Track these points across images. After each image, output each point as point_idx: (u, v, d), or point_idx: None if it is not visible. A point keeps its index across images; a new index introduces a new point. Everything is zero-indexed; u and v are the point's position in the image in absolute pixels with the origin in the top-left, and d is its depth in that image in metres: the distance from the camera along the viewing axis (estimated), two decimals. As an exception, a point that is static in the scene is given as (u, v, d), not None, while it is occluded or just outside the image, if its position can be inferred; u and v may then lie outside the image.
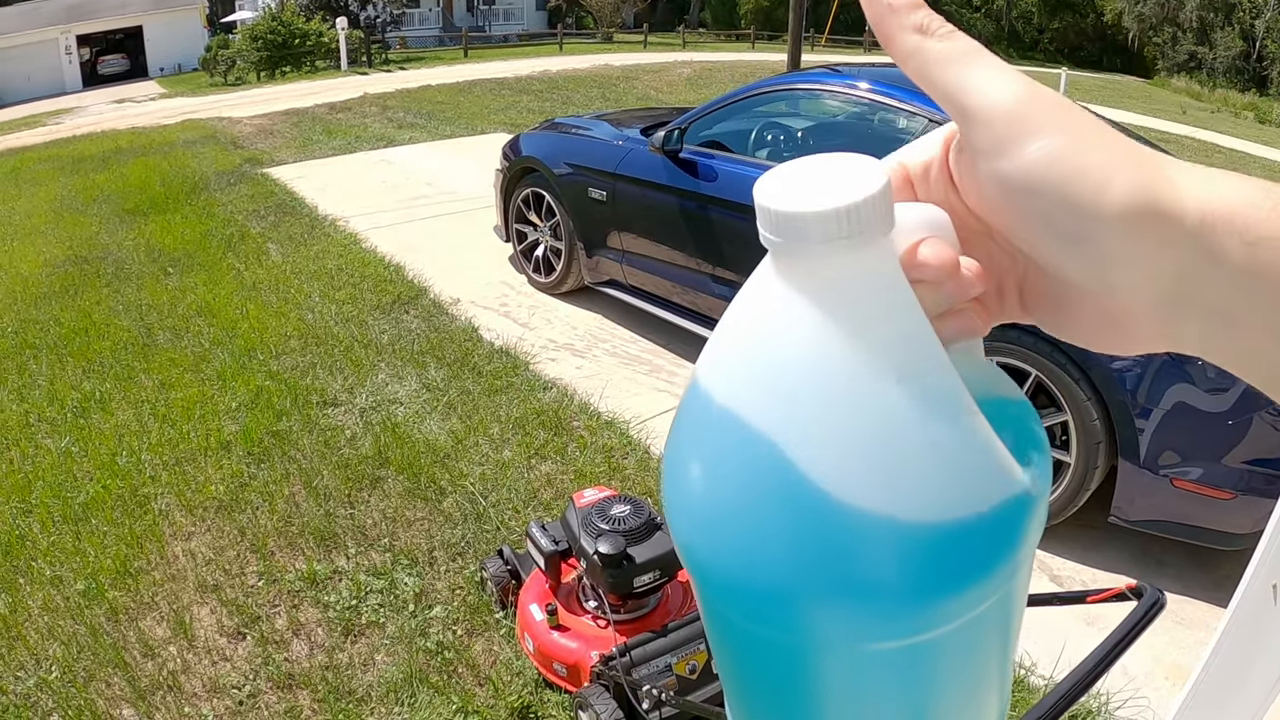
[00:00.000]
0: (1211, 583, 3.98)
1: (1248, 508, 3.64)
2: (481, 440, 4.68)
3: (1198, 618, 3.76)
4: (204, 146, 14.19)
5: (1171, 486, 3.82)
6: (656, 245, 5.88)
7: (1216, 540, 3.85)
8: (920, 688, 0.49)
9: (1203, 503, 3.78)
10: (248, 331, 6.11)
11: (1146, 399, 3.82)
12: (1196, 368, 3.74)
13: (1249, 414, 3.69)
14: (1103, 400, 3.91)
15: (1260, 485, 3.63)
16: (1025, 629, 1.90)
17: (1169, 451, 3.83)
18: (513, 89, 21.51)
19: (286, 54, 32.44)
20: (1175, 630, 3.69)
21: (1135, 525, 4.00)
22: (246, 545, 3.85)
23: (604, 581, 2.84)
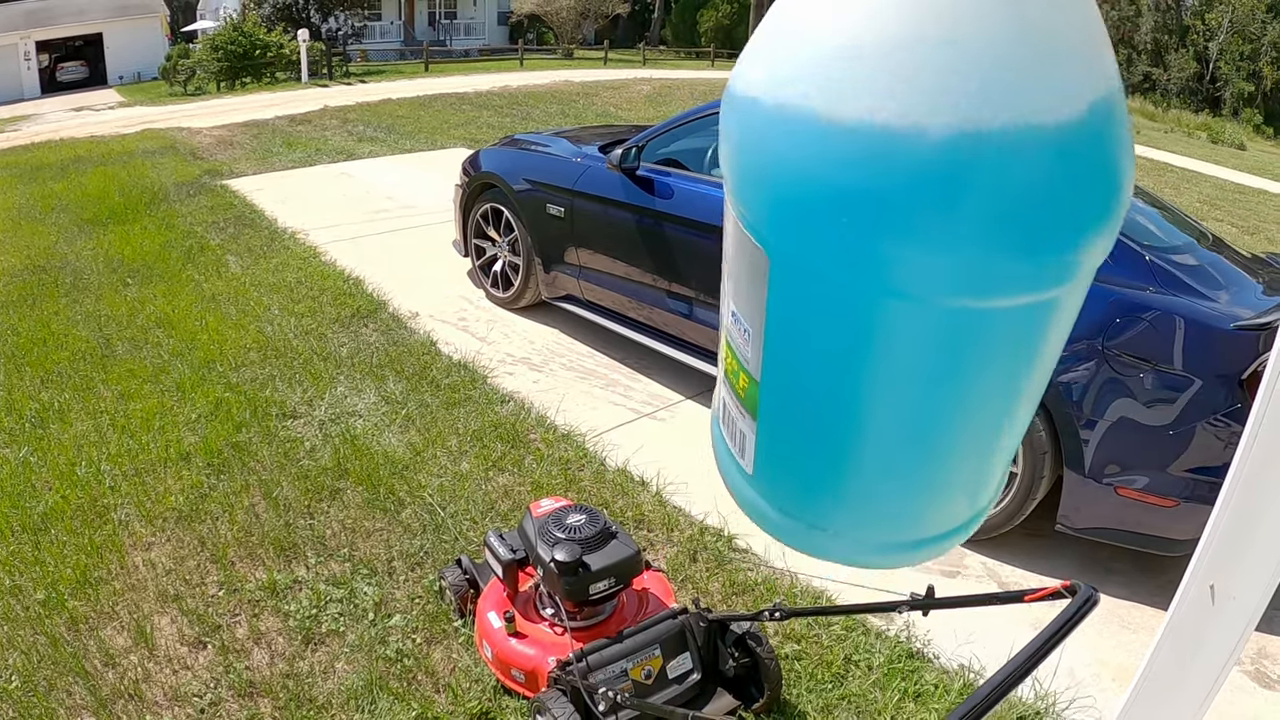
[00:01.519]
0: (1156, 587, 4.11)
1: (1190, 515, 3.77)
2: (440, 452, 4.74)
3: (1143, 621, 3.88)
4: (163, 157, 14.13)
5: (1116, 495, 3.94)
6: (613, 261, 5.96)
7: (1160, 546, 3.97)
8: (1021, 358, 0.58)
9: (1147, 510, 3.91)
10: (207, 343, 6.13)
11: (1091, 411, 3.94)
12: (1139, 381, 3.87)
13: (1191, 424, 3.81)
14: (1048, 412, 4.01)
15: (1203, 493, 3.75)
16: (973, 631, 2.03)
17: (1113, 462, 3.95)
18: (473, 104, 21.52)
19: (247, 65, 32.39)
20: (1121, 633, 3.80)
21: (1081, 533, 4.12)
22: (207, 555, 3.88)
23: (560, 589, 2.91)
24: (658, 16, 64.99)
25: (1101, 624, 3.84)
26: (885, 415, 0.65)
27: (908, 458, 0.69)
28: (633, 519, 4.26)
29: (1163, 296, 3.98)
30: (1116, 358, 3.92)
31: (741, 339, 0.62)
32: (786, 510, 0.73)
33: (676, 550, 4.06)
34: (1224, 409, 3.77)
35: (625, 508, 4.34)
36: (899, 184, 0.51)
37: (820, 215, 0.54)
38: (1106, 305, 3.98)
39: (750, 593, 3.80)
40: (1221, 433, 3.77)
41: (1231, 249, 5.18)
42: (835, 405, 0.65)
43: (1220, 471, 3.70)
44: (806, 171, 0.53)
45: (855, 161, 0.51)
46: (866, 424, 0.67)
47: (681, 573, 3.90)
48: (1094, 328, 3.96)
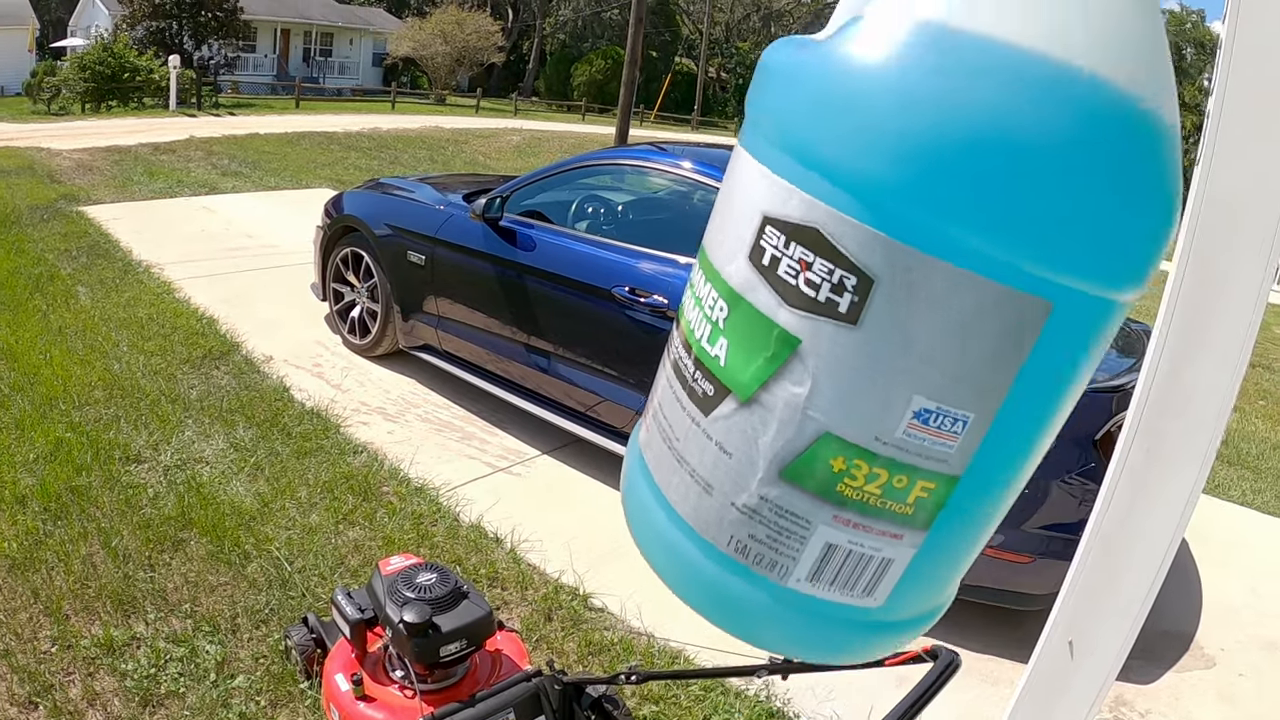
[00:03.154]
0: (1014, 641, 4.21)
1: (1046, 570, 3.88)
2: (289, 504, 4.63)
3: (1003, 675, 3.97)
4: (19, 177, 13.71)
5: None
6: (472, 312, 5.93)
7: (1017, 601, 4.08)
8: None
9: (1004, 567, 4.00)
10: (50, 379, 5.92)
11: None
12: None
13: (1046, 483, 3.92)
14: None
15: (1058, 549, 3.87)
16: (835, 688, 2.05)
17: None
18: (341, 144, 21.35)
19: (114, 87, 31.69)
20: (982, 687, 3.88)
21: None
22: (40, 608, 3.72)
23: (410, 651, 2.84)
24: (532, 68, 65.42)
25: (962, 678, 3.88)
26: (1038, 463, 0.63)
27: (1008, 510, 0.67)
28: (486, 577, 4.22)
29: None
30: None
31: (937, 436, 0.51)
32: (903, 624, 0.66)
33: (531, 610, 4.03)
34: (1078, 468, 3.90)
35: (479, 565, 4.30)
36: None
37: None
38: None
39: (607, 653, 3.79)
40: (1076, 490, 3.90)
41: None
42: (1033, 466, 0.60)
43: (1074, 528, 3.82)
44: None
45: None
46: (1028, 479, 0.64)
47: (536, 633, 3.87)
48: None
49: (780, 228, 0.55)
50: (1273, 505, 6.67)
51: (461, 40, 50.72)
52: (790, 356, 0.55)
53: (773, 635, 0.64)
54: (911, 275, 0.49)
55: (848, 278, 0.52)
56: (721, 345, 0.59)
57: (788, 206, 0.55)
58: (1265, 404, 10.23)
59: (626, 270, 5.06)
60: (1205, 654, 4.43)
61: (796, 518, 0.57)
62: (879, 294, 0.50)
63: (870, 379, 0.52)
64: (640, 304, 4.93)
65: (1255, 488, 7.01)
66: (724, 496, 0.61)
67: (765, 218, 0.57)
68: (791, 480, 0.56)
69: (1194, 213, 1.48)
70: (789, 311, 0.55)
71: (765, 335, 0.56)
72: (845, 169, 0.51)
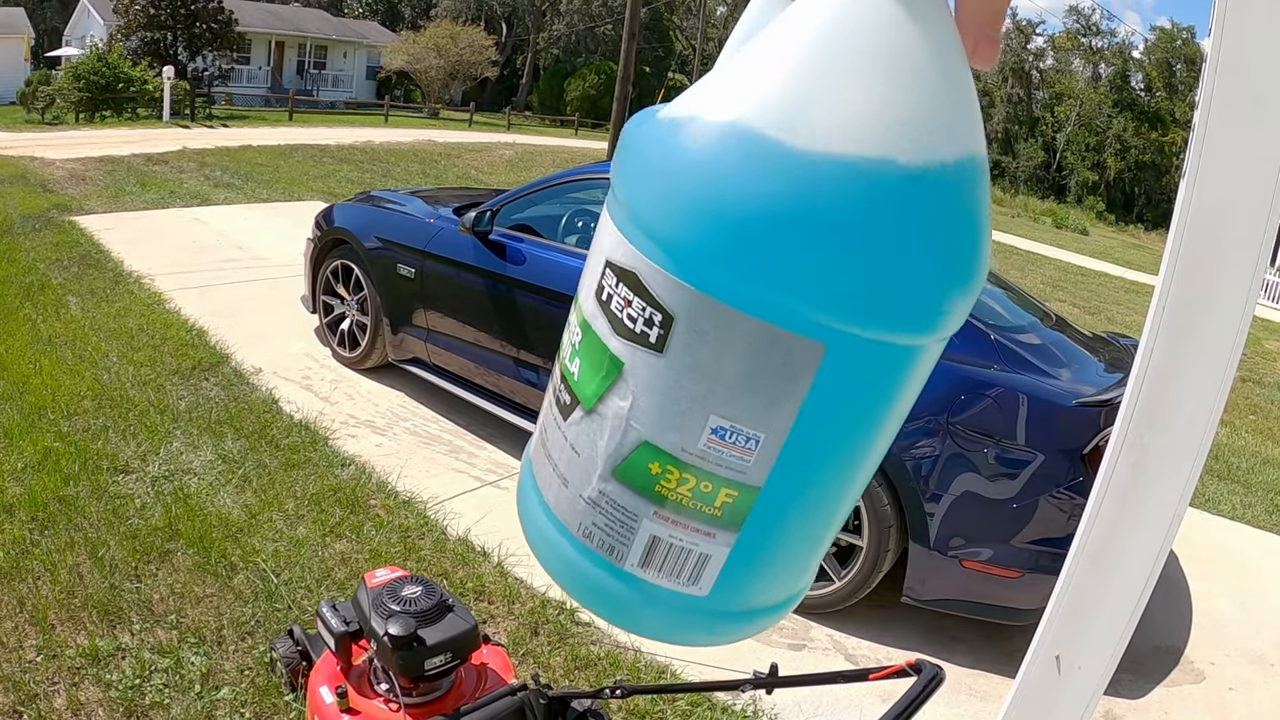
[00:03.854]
0: (1003, 656, 4.22)
1: (1034, 585, 3.89)
2: (276, 516, 4.62)
3: (991, 689, 3.97)
4: (11, 186, 13.69)
5: (961, 567, 4.05)
6: (462, 325, 5.93)
7: (1005, 616, 4.09)
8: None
9: (992, 581, 4.03)
10: (39, 388, 5.90)
11: (936, 485, 4.04)
12: (983, 456, 3.99)
13: (1034, 498, 3.95)
14: (893, 486, 4.10)
15: (1046, 564, 3.89)
16: (820, 703, 2.05)
17: (958, 535, 4.05)
18: (334, 157, 21.36)
19: (109, 97, 31.66)
20: (970, 702, 3.88)
21: (927, 604, 4.21)
22: (25, 617, 3.69)
23: (394, 664, 2.83)
24: (525, 83, 65.53)
25: (951, 693, 3.91)
26: (862, 480, 0.68)
27: (837, 519, 0.71)
28: (473, 590, 4.21)
29: (1007, 374, 4.13)
30: (961, 433, 4.03)
31: (733, 450, 0.60)
32: (745, 614, 0.73)
33: (518, 624, 4.02)
34: (1066, 483, 3.91)
35: (465, 579, 4.29)
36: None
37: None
38: (951, 382, 4.09)
39: (593, 668, 3.78)
40: (1064, 505, 3.91)
41: (1074, 328, 5.38)
42: (846, 483, 0.66)
43: (1063, 543, 3.82)
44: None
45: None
46: (853, 493, 0.70)
47: (522, 647, 3.86)
48: (939, 403, 4.07)
49: (614, 270, 0.65)
50: (1263, 519, 6.69)
51: (455, 54, 50.75)
52: (618, 376, 0.65)
53: (625, 617, 0.72)
54: (701, 315, 0.59)
55: (655, 314, 0.61)
56: (576, 363, 0.69)
57: (619, 253, 0.65)
58: (1255, 419, 10.26)
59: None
60: (1195, 668, 4.44)
61: (625, 510, 0.67)
62: (678, 329, 0.60)
63: (674, 398, 0.62)
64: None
65: (1245, 502, 7.02)
66: (575, 488, 0.71)
67: (606, 261, 0.67)
68: (621, 479, 0.66)
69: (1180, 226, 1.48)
70: (617, 339, 0.65)
71: (602, 357, 0.66)
72: (655, 227, 0.60)
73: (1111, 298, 19.01)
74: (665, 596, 0.69)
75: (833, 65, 0.56)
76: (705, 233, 0.57)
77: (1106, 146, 72.08)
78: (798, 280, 0.55)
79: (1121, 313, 16.76)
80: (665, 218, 0.60)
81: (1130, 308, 17.53)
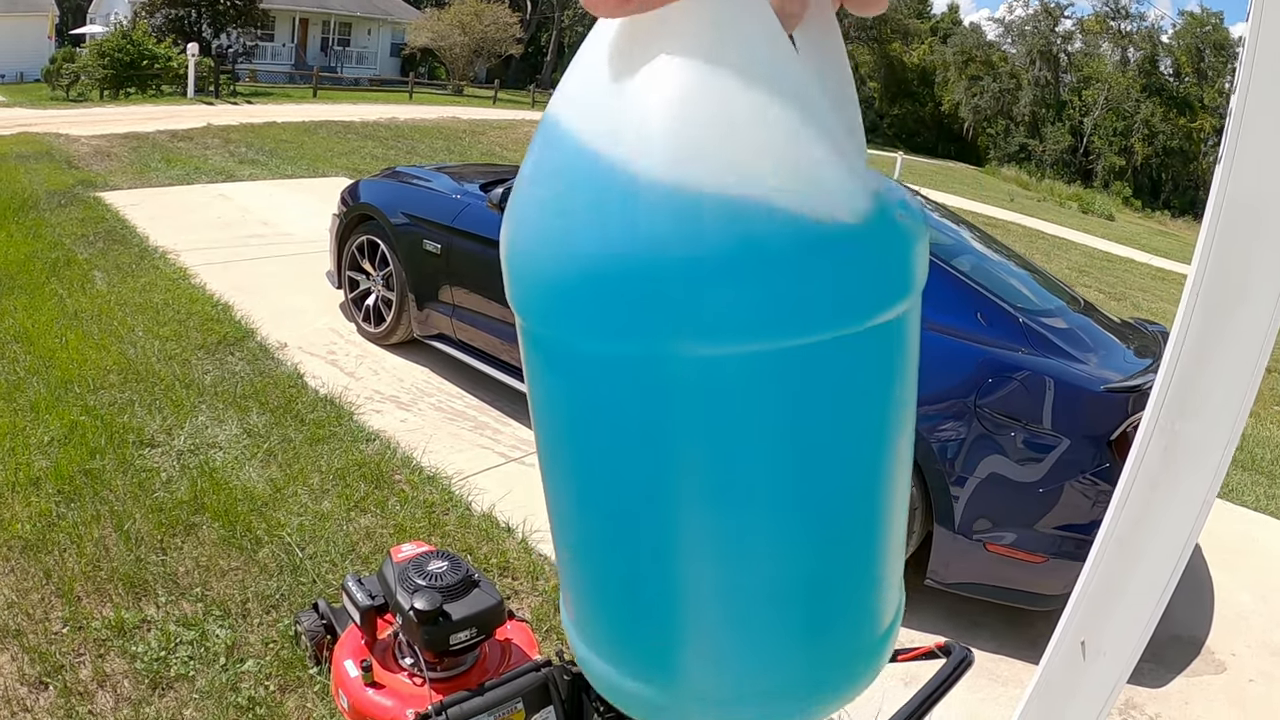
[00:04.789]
0: (1026, 641, 4.20)
1: (1059, 571, 3.87)
2: (301, 490, 4.64)
3: (1013, 675, 3.96)
4: (37, 163, 13.73)
5: (985, 551, 4.02)
6: (487, 301, 5.92)
7: (1029, 601, 4.08)
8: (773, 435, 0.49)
9: (1016, 566, 4.01)
10: (66, 362, 5.93)
11: (961, 468, 4.01)
12: (1010, 439, 3.95)
13: (1060, 483, 3.92)
14: (919, 469, 4.07)
15: (1070, 549, 3.86)
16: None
17: (983, 518, 4.03)
18: (359, 133, 21.37)
19: (133, 74, 31.64)
20: (991, 687, 3.87)
21: (951, 588, 4.19)
22: (52, 589, 3.72)
23: (419, 638, 2.84)
24: (550, 60, 65.33)
25: (972, 677, 3.86)
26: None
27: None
28: (497, 566, 4.22)
29: (1034, 357, 4.09)
30: (987, 416, 3.99)
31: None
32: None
33: (541, 600, 4.03)
34: (1092, 468, 3.89)
35: (490, 554, 4.30)
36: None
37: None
38: (978, 364, 4.09)
39: (613, 646, 3.78)
40: (1090, 491, 3.89)
41: (1102, 313, 5.35)
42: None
43: (1087, 529, 3.82)
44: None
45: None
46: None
47: (546, 623, 3.87)
48: (966, 386, 4.05)
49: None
50: (1287, 511, 6.65)
51: (480, 31, 50.65)
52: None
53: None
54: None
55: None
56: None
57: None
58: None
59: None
60: (1215, 659, 4.42)
61: None
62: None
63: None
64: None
65: (1269, 493, 6.98)
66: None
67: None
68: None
69: (1214, 214, 1.47)
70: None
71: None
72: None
73: (1137, 284, 18.91)
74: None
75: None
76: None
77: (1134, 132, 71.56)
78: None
79: (1148, 299, 16.68)
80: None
81: (1156, 294, 17.46)
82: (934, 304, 4.12)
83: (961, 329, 4.27)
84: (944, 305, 4.34)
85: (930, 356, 4.08)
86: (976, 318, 4.33)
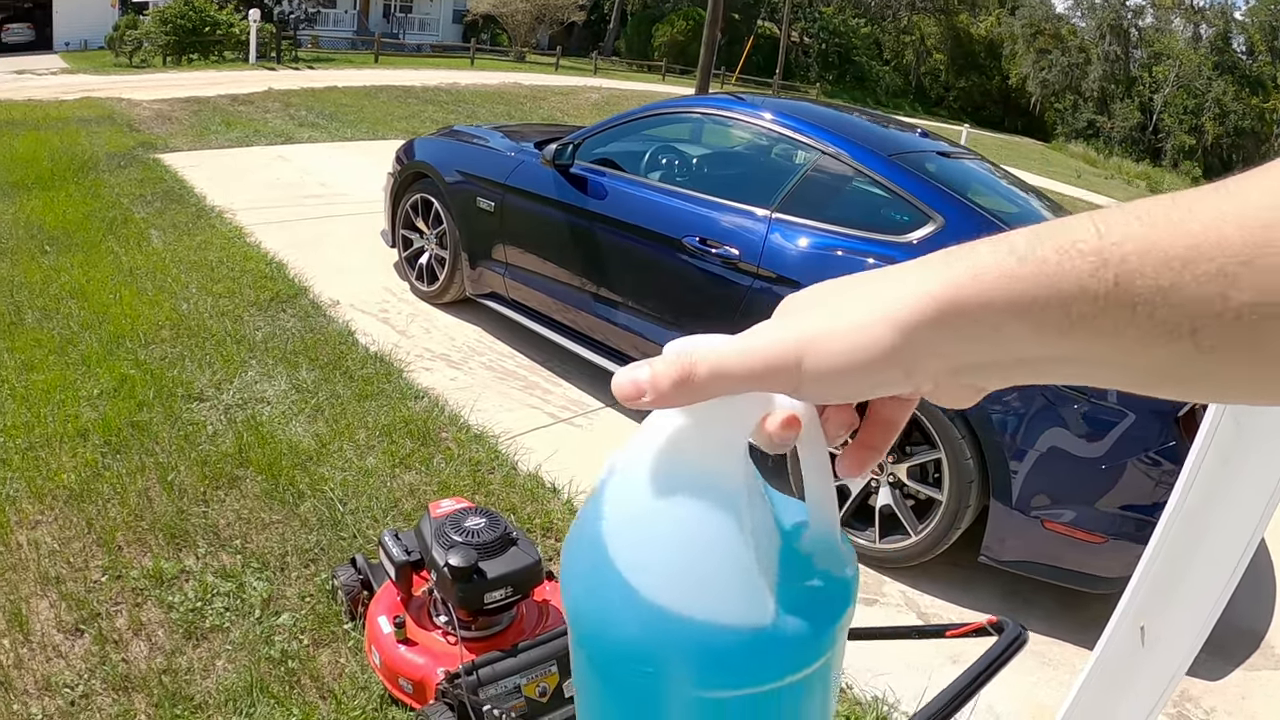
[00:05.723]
0: (1079, 624, 4.06)
1: (1118, 552, 3.70)
2: (346, 445, 4.60)
3: (1064, 658, 3.83)
4: (99, 126, 13.88)
5: (1043, 529, 3.85)
6: (541, 260, 5.85)
7: (1086, 583, 3.92)
8: None
9: (1073, 546, 3.82)
10: (119, 317, 5.95)
11: (1021, 441, 3.85)
12: (1072, 412, 3.79)
13: (1123, 460, 3.75)
14: (977, 440, 3.93)
15: (1131, 530, 3.70)
16: (889, 665, 1.92)
17: (1041, 494, 3.87)
18: (419, 98, 21.43)
19: (195, 41, 31.91)
20: (1042, 670, 3.75)
21: (1005, 565, 4.03)
22: (94, 538, 3.71)
23: (453, 595, 2.79)
24: (613, 27, 65.10)
25: (1021, 659, 3.77)
26: None
27: None
28: (540, 527, 4.15)
29: None
30: (1049, 388, 3.83)
31: None
32: None
33: (584, 561, 3.96)
34: (1157, 446, 3.73)
35: (534, 514, 4.24)
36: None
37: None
38: None
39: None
40: (1153, 471, 3.73)
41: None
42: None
43: (1150, 510, 3.66)
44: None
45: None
46: None
47: (587, 585, 3.79)
48: None
49: None
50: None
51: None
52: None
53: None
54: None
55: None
56: None
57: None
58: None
59: (698, 220, 4.95)
60: (1277, 654, 4.21)
61: None
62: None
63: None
64: (711, 254, 4.82)
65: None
66: None
67: None
68: None
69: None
70: None
71: None
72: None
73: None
74: None
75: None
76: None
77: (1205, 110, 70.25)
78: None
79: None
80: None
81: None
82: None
83: None
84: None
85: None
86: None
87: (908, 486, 4.21)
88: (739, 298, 4.71)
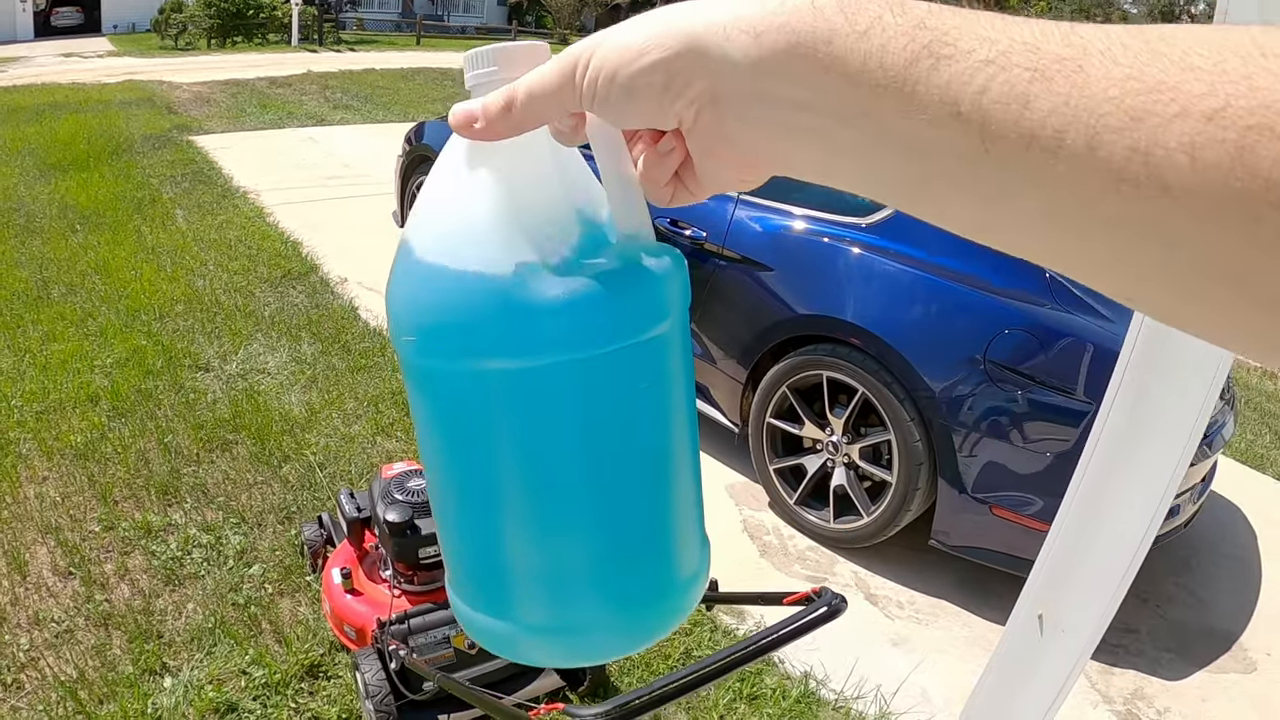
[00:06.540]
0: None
1: None
2: (335, 414, 4.91)
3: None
4: (138, 108, 14.26)
5: (991, 514, 3.81)
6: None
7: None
8: (545, 425, 0.64)
9: (1022, 533, 3.76)
10: (138, 292, 6.29)
11: (970, 425, 3.80)
12: (1022, 398, 3.72)
13: (1072, 447, 3.68)
14: (926, 424, 3.91)
15: None
16: (820, 640, 2.04)
17: (989, 480, 3.82)
18: (456, 80, 21.57)
19: (239, 23, 32.11)
20: (985, 658, 3.83)
21: (956, 551, 4.01)
22: (93, 493, 4.06)
23: (391, 550, 3.01)
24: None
25: (965, 647, 3.81)
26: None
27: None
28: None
29: (1058, 313, 3.84)
30: (1001, 373, 3.77)
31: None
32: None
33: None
34: None
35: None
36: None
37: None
38: (995, 317, 3.87)
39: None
40: None
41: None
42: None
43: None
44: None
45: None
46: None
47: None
48: (979, 340, 3.85)
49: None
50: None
51: (587, -20, 50.57)
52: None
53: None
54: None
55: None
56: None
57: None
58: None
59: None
60: (1248, 657, 4.07)
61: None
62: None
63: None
64: (684, 236, 4.87)
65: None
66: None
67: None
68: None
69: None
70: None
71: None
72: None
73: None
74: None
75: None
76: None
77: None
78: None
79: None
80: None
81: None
82: (948, 249, 4.04)
83: (978, 277, 3.99)
84: (958, 250, 4.04)
85: (941, 305, 4.05)
86: (994, 266, 4.01)
87: (861, 468, 4.20)
88: (705, 278, 4.75)
